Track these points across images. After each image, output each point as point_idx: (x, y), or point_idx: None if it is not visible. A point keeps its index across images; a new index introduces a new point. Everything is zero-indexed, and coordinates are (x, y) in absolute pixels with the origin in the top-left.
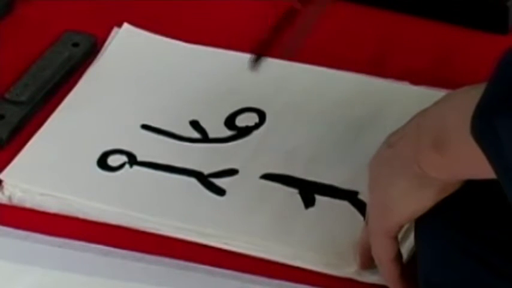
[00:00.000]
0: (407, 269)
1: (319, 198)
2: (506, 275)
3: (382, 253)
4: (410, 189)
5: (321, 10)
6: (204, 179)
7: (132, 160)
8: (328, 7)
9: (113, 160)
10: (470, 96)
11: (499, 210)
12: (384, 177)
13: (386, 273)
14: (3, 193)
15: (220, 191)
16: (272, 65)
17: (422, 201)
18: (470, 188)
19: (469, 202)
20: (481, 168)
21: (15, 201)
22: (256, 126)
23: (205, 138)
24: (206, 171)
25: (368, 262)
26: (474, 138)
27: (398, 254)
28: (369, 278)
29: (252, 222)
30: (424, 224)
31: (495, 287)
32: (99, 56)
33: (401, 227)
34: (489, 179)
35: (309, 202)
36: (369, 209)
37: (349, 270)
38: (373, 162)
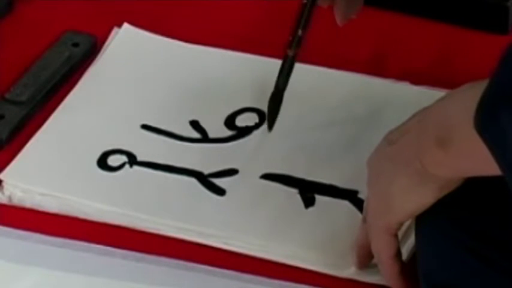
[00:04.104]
0: (407, 266)
1: (319, 198)
2: (508, 272)
3: (382, 250)
4: (411, 186)
5: None
6: (204, 179)
7: (132, 160)
8: (327, 7)
9: (113, 160)
10: (474, 93)
11: (500, 208)
12: (385, 174)
13: (386, 270)
14: (3, 193)
15: (220, 191)
16: (272, 65)
17: (423, 198)
18: (471, 185)
19: (470, 200)
20: (485, 165)
21: (15, 201)
22: (256, 126)
23: (205, 138)
24: (206, 171)
25: (365, 261)
26: (477, 131)
27: (398, 252)
28: (368, 278)
29: (252, 222)
30: (424, 222)
31: (496, 284)
32: (99, 56)
33: (401, 224)
34: (491, 177)
35: (309, 202)
36: (367, 206)
37: (349, 270)
38: (372, 159)
